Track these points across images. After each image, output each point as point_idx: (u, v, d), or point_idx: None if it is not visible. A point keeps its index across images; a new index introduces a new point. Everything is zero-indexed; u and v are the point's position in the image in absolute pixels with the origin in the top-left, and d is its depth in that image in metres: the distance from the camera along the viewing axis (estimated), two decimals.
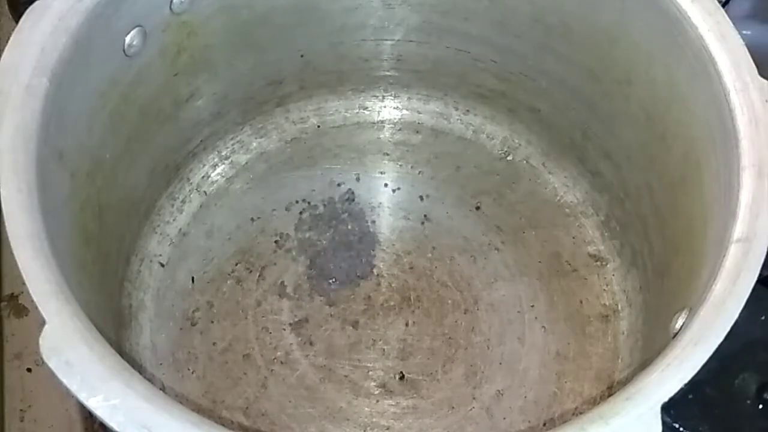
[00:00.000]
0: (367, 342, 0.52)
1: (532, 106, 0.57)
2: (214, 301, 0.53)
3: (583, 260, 0.55)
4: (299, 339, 0.52)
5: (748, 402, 0.47)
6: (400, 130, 0.61)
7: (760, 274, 0.36)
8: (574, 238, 0.56)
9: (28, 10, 0.39)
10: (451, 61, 0.56)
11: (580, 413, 0.41)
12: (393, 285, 0.54)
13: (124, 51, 0.44)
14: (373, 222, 0.56)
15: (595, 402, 0.50)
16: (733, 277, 0.36)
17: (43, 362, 0.31)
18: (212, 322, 0.52)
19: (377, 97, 0.61)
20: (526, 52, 0.53)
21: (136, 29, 0.44)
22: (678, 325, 0.39)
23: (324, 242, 0.56)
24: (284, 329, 0.52)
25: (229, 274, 0.54)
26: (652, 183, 0.49)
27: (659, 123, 0.47)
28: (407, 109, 0.61)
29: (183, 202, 0.56)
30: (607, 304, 0.54)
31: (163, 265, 0.54)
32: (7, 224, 0.34)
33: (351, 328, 0.53)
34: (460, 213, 0.57)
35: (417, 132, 0.60)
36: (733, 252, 0.36)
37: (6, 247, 0.37)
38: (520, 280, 0.55)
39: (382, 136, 0.60)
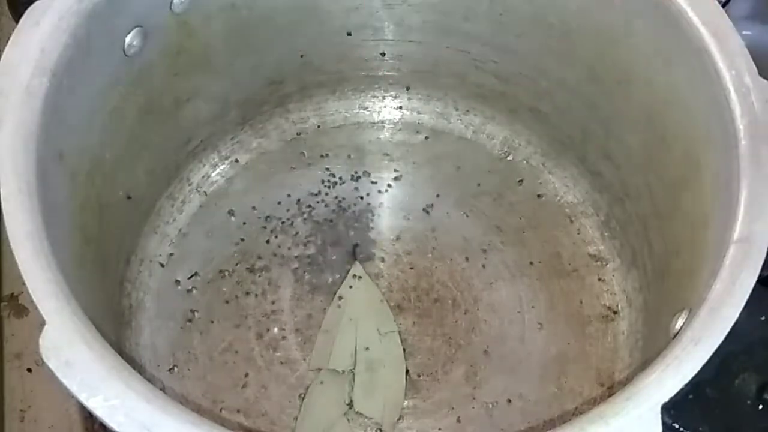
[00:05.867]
0: None
1: (532, 106, 0.57)
2: (214, 301, 0.53)
3: (583, 260, 0.55)
4: (299, 339, 0.52)
5: (748, 402, 0.47)
6: (400, 130, 0.61)
7: (760, 274, 0.36)
8: (574, 238, 0.56)
9: (28, 10, 0.39)
10: (451, 61, 0.56)
11: (580, 413, 0.41)
12: (393, 285, 0.54)
13: (124, 51, 0.44)
14: (373, 222, 0.56)
15: (595, 402, 0.50)
16: (733, 277, 0.36)
17: (43, 362, 0.31)
18: (212, 322, 0.52)
19: (377, 97, 0.60)
20: (526, 52, 0.53)
21: (136, 29, 0.44)
22: (678, 325, 0.38)
23: (324, 242, 0.55)
24: (284, 329, 0.52)
25: (229, 274, 0.54)
26: (652, 183, 0.49)
27: (659, 123, 0.47)
28: (407, 109, 0.61)
29: (183, 202, 0.56)
30: (607, 304, 0.54)
31: (163, 265, 0.54)
32: (7, 224, 0.34)
33: None
34: (460, 213, 0.57)
35: (417, 132, 0.60)
36: (733, 252, 0.36)
37: (6, 247, 0.37)
38: (520, 280, 0.55)
39: (382, 136, 0.60)
